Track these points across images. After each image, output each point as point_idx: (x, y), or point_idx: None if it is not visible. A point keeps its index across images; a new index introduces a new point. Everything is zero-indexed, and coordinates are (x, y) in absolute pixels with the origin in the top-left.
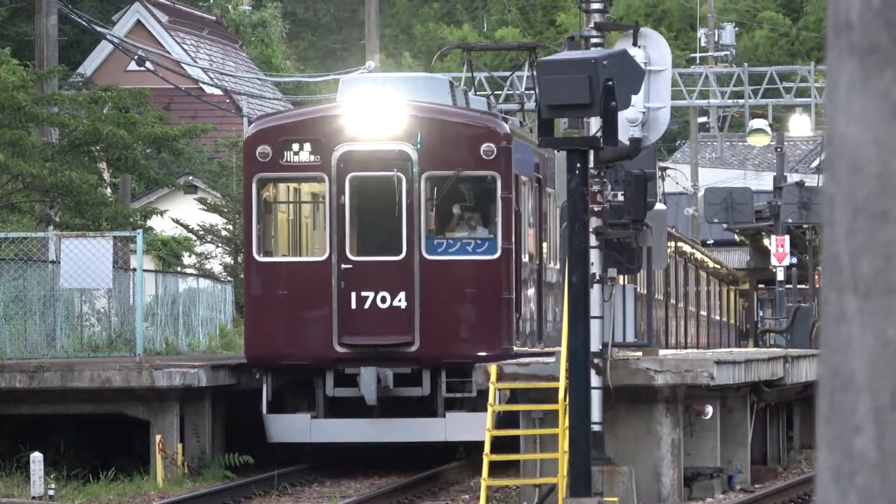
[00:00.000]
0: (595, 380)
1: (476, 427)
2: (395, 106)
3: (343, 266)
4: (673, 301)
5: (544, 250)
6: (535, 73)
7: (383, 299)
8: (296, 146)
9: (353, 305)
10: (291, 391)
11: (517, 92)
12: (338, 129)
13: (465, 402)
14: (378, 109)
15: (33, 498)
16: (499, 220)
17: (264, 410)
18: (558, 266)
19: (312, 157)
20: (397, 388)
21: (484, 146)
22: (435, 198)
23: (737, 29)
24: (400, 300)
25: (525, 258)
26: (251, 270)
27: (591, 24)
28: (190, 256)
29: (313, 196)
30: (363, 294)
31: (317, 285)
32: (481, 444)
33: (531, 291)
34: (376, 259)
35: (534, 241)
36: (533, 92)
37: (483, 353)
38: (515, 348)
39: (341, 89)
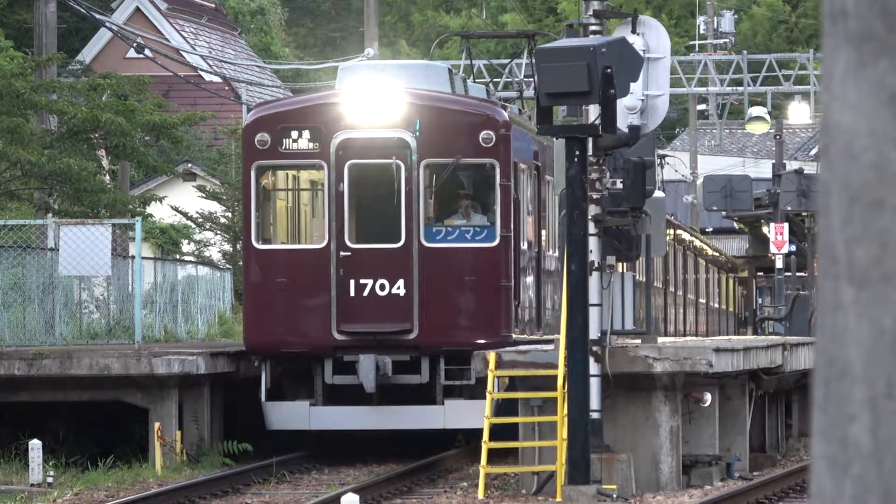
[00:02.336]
0: (594, 367)
1: (475, 414)
2: (394, 93)
3: (342, 253)
4: (672, 289)
5: (543, 238)
6: (534, 60)
7: (382, 287)
8: (294, 133)
9: (352, 293)
10: (290, 378)
11: (516, 80)
12: (337, 117)
13: (464, 390)
14: (377, 97)
15: (32, 485)
16: (497, 207)
17: (263, 398)
18: (557, 254)
19: (311, 145)
20: (396, 376)
21: (483, 134)
22: (434, 185)
23: (735, 16)
24: (399, 288)
25: (524, 246)
26: (250, 258)
27: (590, 12)
28: (189, 244)
29: (312, 183)
30: (362, 281)
31: (316, 273)
32: (480, 431)
33: (530, 279)
34: (375, 247)
35: (532, 228)
36: (532, 79)
37: (482, 341)
38: (514, 336)
39: (340, 77)
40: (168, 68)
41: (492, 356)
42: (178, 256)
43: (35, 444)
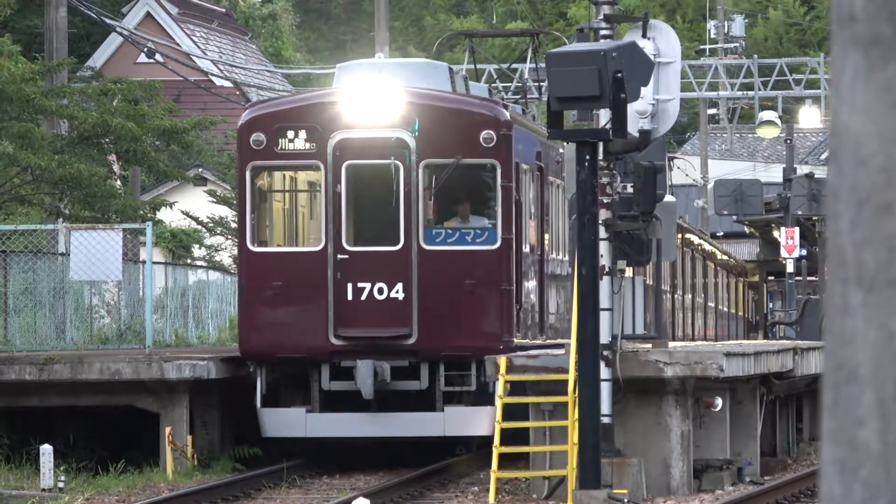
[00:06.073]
0: (604, 372)
1: (475, 422)
2: (393, 92)
3: (339, 256)
4: (682, 293)
5: (546, 240)
6: (538, 60)
7: (380, 290)
8: (291, 133)
9: (350, 297)
10: (286, 385)
11: (522, 81)
12: (334, 116)
13: (464, 396)
14: (375, 96)
15: (43, 490)
16: (498, 209)
17: (258, 404)
18: (560, 256)
19: (308, 145)
20: (394, 382)
21: (483, 133)
22: (433, 186)
23: (746, 21)
24: (397, 291)
25: (526, 248)
26: (245, 261)
27: (601, 16)
28: (199, 248)
29: (309, 185)
30: (360, 285)
31: (312, 276)
32: (480, 438)
33: (532, 283)
34: (373, 249)
35: (535, 231)
36: (536, 80)
37: (482, 346)
38: (516, 340)
39: (338, 75)
40: (179, 73)
41: (502, 361)
42: (188, 261)
43: (46, 449)
